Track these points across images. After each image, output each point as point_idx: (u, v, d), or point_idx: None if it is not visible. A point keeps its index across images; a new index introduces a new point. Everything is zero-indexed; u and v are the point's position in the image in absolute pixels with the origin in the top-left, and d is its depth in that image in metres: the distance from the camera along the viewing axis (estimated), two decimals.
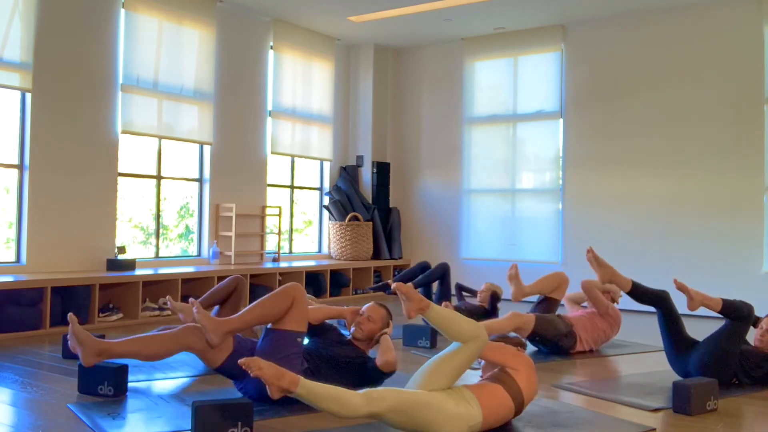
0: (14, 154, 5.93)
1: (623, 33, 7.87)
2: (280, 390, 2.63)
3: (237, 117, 7.79)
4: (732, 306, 3.95)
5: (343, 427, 3.08)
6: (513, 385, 3.02)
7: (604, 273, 4.15)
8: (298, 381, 2.63)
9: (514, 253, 8.42)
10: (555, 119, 8.27)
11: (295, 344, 3.38)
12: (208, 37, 7.37)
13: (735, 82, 7.22)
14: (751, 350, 4.03)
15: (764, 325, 4.03)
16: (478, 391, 2.94)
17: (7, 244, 5.96)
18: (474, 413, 2.83)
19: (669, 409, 3.45)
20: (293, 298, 3.40)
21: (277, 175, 8.49)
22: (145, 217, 7.11)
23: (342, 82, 9.27)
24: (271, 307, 3.38)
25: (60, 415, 3.22)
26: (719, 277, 7.02)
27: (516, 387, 3.03)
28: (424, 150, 9.31)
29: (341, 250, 8.66)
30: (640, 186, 7.71)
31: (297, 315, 3.41)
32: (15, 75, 5.79)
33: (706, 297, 4.00)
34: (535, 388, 3.12)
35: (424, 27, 8.47)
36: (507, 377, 3.05)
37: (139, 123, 6.74)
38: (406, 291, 2.97)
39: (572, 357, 4.86)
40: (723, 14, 7.31)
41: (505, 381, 3.03)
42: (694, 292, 4.02)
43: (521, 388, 3.04)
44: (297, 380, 2.63)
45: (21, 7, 5.83)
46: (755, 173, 7.08)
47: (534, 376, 3.11)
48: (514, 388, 3.02)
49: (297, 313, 3.41)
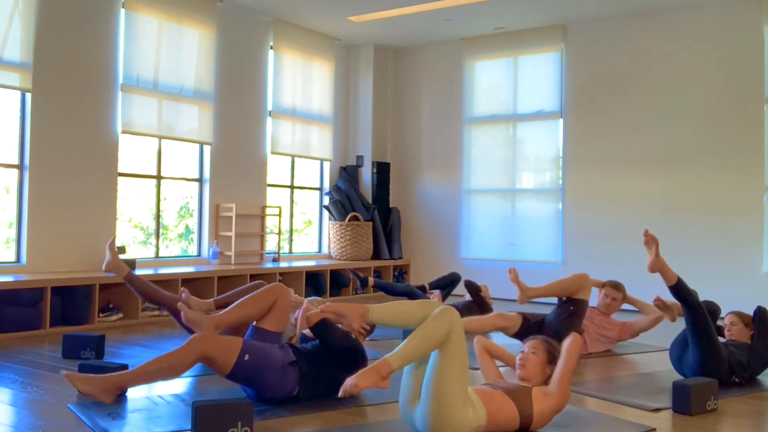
0: (14, 154, 5.93)
1: (623, 33, 7.87)
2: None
3: (237, 117, 7.79)
4: (685, 287, 3.87)
5: (343, 427, 3.08)
6: (527, 408, 2.87)
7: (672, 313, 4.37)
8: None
9: (514, 253, 8.42)
10: (555, 119, 8.27)
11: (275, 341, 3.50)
12: (208, 37, 7.37)
13: (735, 82, 7.22)
14: (736, 344, 4.11)
15: (727, 321, 4.27)
16: (488, 398, 2.84)
17: (7, 244, 5.97)
18: (478, 416, 2.78)
19: (669, 409, 3.45)
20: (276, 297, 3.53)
21: (277, 175, 8.49)
22: (145, 217, 7.11)
23: (342, 82, 9.27)
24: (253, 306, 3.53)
25: (60, 415, 3.22)
26: (719, 277, 7.02)
27: (529, 411, 2.88)
28: (424, 150, 9.31)
29: (341, 250, 8.66)
30: (640, 186, 7.71)
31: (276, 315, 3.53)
32: (15, 75, 5.79)
33: (666, 265, 3.89)
34: (549, 421, 2.96)
35: (424, 27, 8.47)
36: (525, 398, 2.90)
37: (139, 123, 6.74)
38: (335, 309, 2.78)
39: None
40: (723, 14, 7.31)
41: (520, 399, 2.88)
42: (660, 256, 3.89)
43: (534, 413, 2.89)
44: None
45: (21, 7, 5.83)
46: (755, 173, 7.07)
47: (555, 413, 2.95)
48: (527, 411, 2.87)
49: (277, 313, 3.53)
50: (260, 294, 3.55)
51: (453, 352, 2.70)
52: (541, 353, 3.08)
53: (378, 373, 2.59)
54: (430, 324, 2.69)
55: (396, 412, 3.15)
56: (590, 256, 7.87)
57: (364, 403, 3.48)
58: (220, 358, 3.23)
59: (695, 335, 3.91)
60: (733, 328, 4.22)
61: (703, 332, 3.89)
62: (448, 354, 2.70)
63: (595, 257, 7.82)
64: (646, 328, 5.11)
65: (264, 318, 3.52)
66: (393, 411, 3.30)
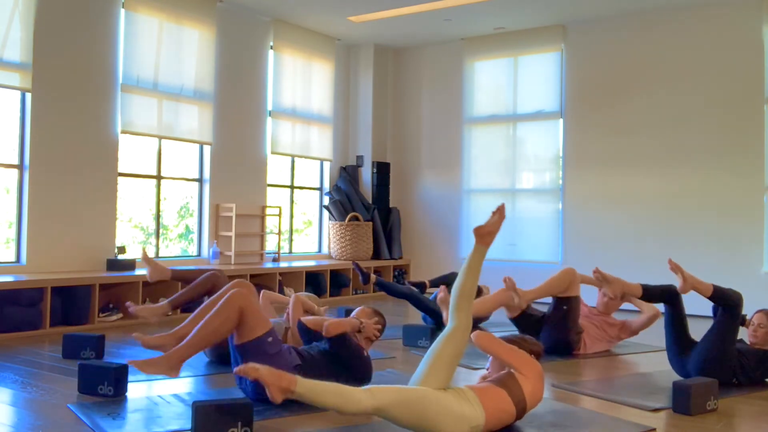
0: (14, 154, 5.93)
1: (623, 33, 7.87)
2: (281, 390, 2.59)
3: (237, 117, 7.79)
4: (722, 293, 3.95)
5: (343, 427, 3.07)
6: (517, 391, 2.97)
7: (615, 287, 4.18)
8: (296, 380, 2.61)
9: (514, 253, 8.42)
10: (555, 119, 8.27)
11: (270, 345, 3.34)
12: (208, 37, 7.37)
13: (735, 82, 7.22)
14: (748, 349, 4.04)
15: (755, 321, 4.06)
16: (482, 393, 2.91)
17: (7, 244, 5.97)
18: (476, 414, 2.81)
19: (669, 409, 3.45)
20: (240, 308, 3.26)
21: (277, 175, 8.49)
22: (145, 217, 7.11)
23: (342, 82, 9.27)
24: (219, 324, 3.26)
25: (60, 415, 3.22)
26: (719, 277, 6.92)
27: (520, 393, 2.97)
28: (424, 150, 9.31)
29: (341, 250, 8.66)
30: (640, 186, 7.71)
31: (252, 322, 3.29)
32: (15, 75, 5.79)
33: (698, 281, 3.98)
34: (540, 396, 3.07)
35: (424, 27, 8.47)
36: (512, 382, 3.00)
37: (139, 123, 6.74)
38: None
39: (572, 357, 4.85)
40: (723, 14, 7.31)
41: (509, 386, 2.98)
42: (688, 274, 4.00)
43: (525, 394, 2.98)
44: (295, 380, 2.61)
45: (21, 7, 5.83)
46: (755, 173, 7.07)
47: (540, 385, 3.06)
48: (518, 394, 2.97)
49: (251, 320, 3.29)
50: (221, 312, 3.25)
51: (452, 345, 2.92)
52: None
53: (281, 381, 2.58)
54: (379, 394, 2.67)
55: None
56: (590, 256, 7.86)
57: None
58: (251, 322, 3.27)
59: (715, 334, 3.93)
60: (760, 330, 4.02)
61: (723, 334, 3.92)
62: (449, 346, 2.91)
63: (595, 257, 7.81)
64: (644, 326, 5.11)
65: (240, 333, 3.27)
66: None
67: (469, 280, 2.99)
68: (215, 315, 3.29)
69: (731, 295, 3.95)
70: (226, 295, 3.35)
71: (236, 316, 3.27)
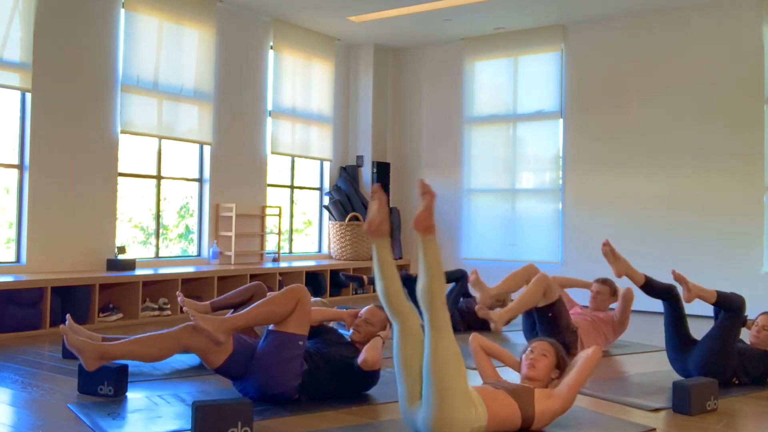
0: (14, 154, 5.93)
1: (623, 33, 7.87)
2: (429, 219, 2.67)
3: (237, 117, 7.78)
4: (726, 298, 3.98)
5: (343, 427, 3.08)
6: (529, 409, 2.88)
7: (620, 267, 4.21)
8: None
9: (514, 253, 8.42)
10: (555, 119, 8.27)
11: (296, 347, 3.36)
12: (208, 37, 7.37)
13: (735, 82, 7.22)
14: (749, 349, 4.05)
15: (759, 322, 4.06)
16: (490, 398, 2.84)
17: (7, 244, 5.97)
18: (479, 415, 2.76)
19: (669, 409, 3.45)
20: (298, 299, 3.38)
21: (277, 175, 8.49)
22: (145, 217, 7.11)
23: (342, 82, 9.27)
24: (276, 306, 3.37)
25: (60, 415, 3.22)
26: (719, 277, 7.00)
27: (531, 411, 2.89)
28: (424, 150, 9.31)
29: (341, 250, 8.66)
30: (640, 186, 7.71)
31: (300, 317, 3.38)
32: (15, 75, 5.79)
33: (702, 289, 4.01)
34: (547, 424, 2.97)
35: (424, 27, 8.47)
36: (527, 399, 2.90)
37: (138, 123, 6.74)
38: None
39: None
40: (723, 14, 7.31)
41: (523, 401, 2.89)
42: (692, 284, 4.03)
43: (536, 414, 2.90)
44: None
45: (21, 7, 5.83)
46: (755, 173, 7.07)
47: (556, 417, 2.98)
48: (529, 410, 2.88)
49: (300, 315, 3.38)
50: (281, 297, 3.39)
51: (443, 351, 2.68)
52: (552, 357, 3.17)
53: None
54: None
55: (396, 412, 3.15)
56: (590, 256, 7.83)
57: (365, 403, 3.48)
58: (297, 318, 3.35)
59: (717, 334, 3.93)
60: (763, 332, 4.01)
61: (726, 335, 3.93)
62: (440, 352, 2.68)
63: (595, 257, 7.74)
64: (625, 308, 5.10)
65: (285, 321, 3.36)
66: (393, 411, 3.30)
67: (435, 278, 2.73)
68: (275, 297, 3.41)
69: (735, 300, 3.97)
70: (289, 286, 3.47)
71: (293, 305, 3.37)
